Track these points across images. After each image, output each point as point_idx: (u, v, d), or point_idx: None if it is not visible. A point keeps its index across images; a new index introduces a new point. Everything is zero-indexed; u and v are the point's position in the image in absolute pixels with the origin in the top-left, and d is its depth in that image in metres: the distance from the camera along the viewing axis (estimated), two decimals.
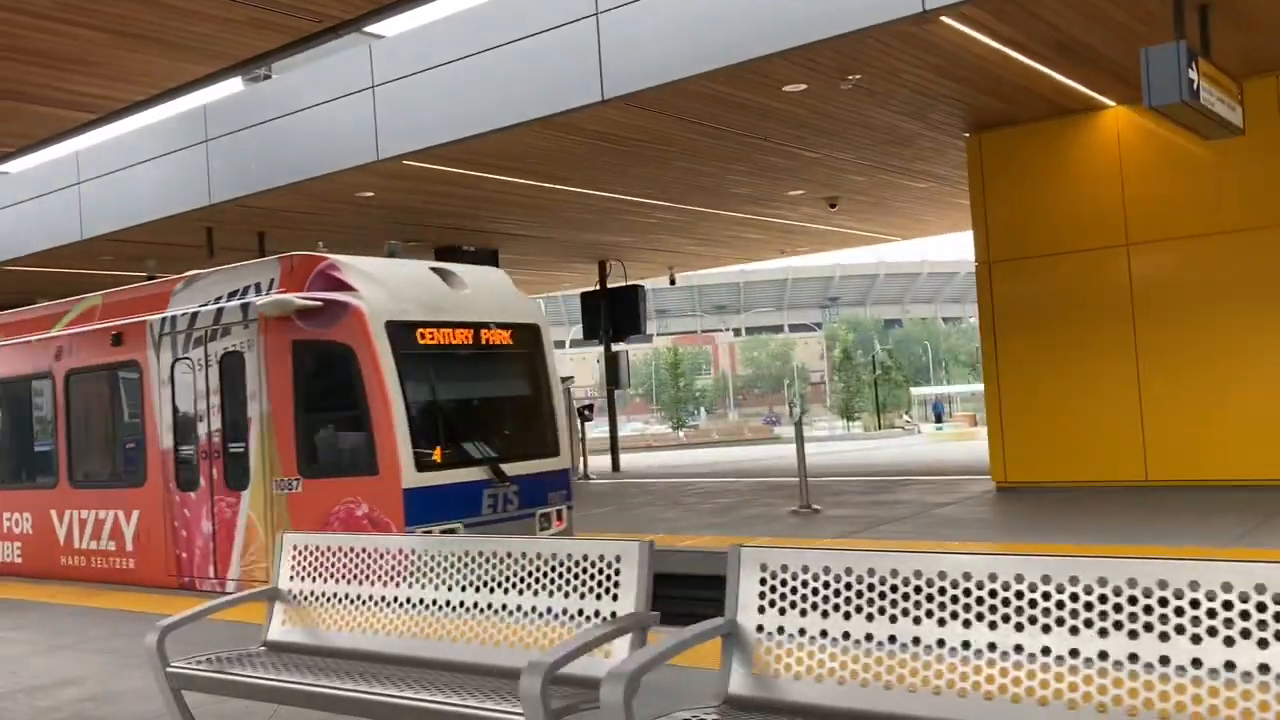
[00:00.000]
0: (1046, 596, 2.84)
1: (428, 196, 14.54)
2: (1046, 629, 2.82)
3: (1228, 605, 2.58)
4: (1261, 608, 2.55)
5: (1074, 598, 2.80)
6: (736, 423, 65.04)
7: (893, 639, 3.07)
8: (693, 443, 44.37)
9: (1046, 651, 2.80)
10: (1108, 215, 12.15)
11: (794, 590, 3.28)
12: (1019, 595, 2.90)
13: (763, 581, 3.35)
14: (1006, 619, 2.90)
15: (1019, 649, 2.85)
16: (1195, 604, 2.62)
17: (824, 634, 3.19)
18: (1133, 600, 2.69)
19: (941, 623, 3.00)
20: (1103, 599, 2.74)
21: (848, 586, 3.18)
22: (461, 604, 4.05)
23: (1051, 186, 12.52)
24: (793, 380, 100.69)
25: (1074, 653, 2.76)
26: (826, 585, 3.22)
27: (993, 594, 2.94)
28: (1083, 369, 12.26)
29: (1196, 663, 2.59)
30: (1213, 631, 2.59)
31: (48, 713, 5.49)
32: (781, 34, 9.12)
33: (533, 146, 12.08)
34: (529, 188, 14.13)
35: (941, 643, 2.98)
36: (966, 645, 2.94)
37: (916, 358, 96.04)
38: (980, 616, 2.94)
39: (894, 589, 3.10)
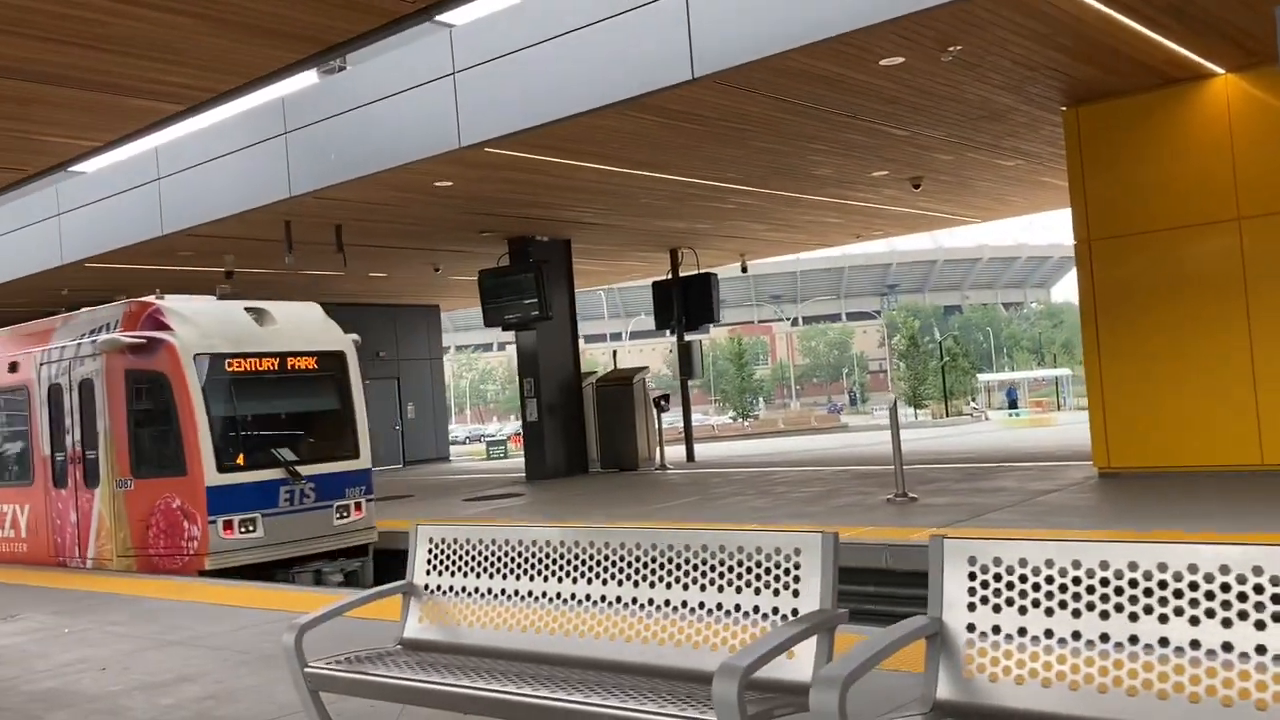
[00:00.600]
0: None
1: (505, 185, 14.36)
2: None
3: None
4: None
5: None
6: (801, 412, 64.38)
7: (1134, 639, 2.75)
8: (758, 432, 43.96)
9: None
10: (1217, 188, 11.59)
11: (1010, 585, 2.97)
12: None
13: (972, 576, 3.04)
14: (1277, 618, 2.56)
15: None
16: None
17: (1049, 634, 2.88)
18: None
19: (1194, 621, 2.67)
20: None
21: (1076, 581, 2.87)
22: (618, 599, 3.79)
23: (1155, 160, 11.98)
24: (852, 369, 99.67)
25: None
26: (1050, 580, 2.91)
27: (1258, 589, 2.60)
28: (1191, 348, 11.72)
29: None
30: None
31: (170, 711, 5.36)
32: (884, 3, 8.76)
33: (616, 130, 11.83)
34: (608, 174, 13.89)
35: (1195, 644, 2.66)
36: (1228, 648, 2.61)
37: (978, 344, 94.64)
38: (1244, 615, 2.61)
39: (1132, 584, 2.78)
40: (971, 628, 3.02)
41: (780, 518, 11.04)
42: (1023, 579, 2.96)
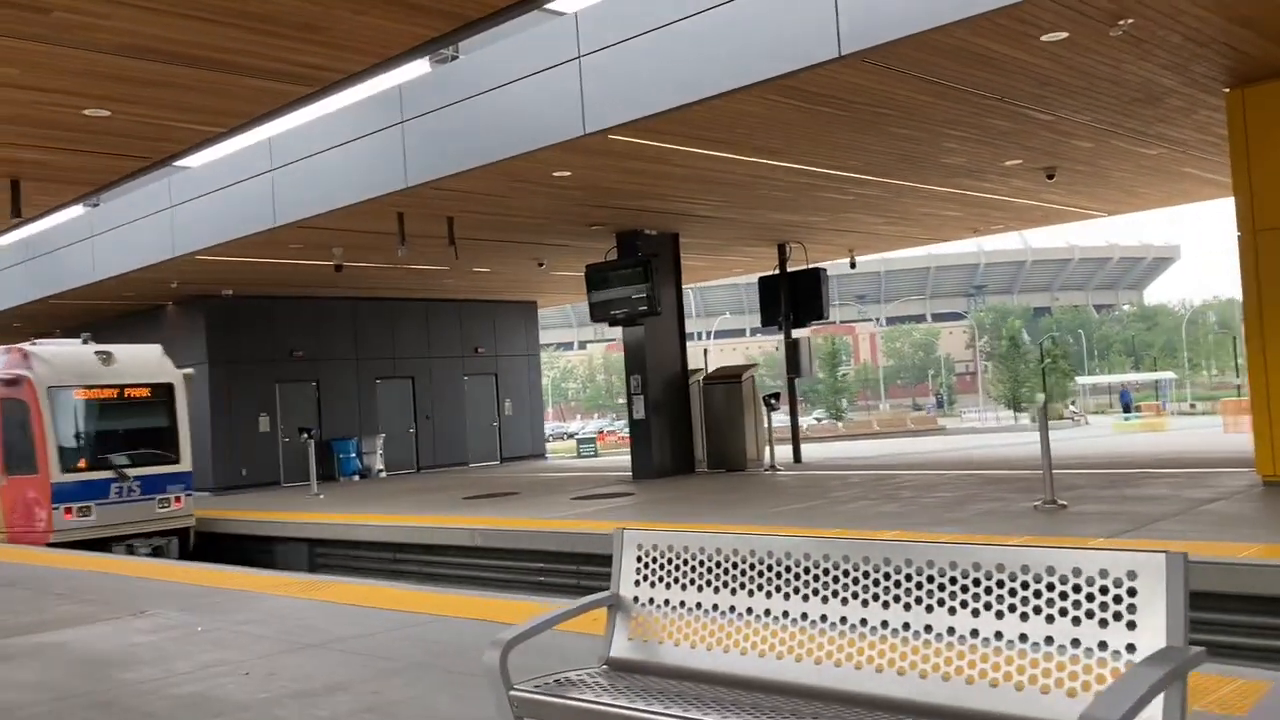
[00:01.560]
0: None
1: (622, 175, 13.90)
2: None
3: None
4: None
5: None
6: (896, 413, 62.96)
7: None
8: (853, 434, 42.96)
9: None
10: None
11: None
12: None
13: None
14: None
15: None
16: None
17: None
18: None
19: None
20: None
21: None
22: (884, 623, 3.24)
23: None
24: (938, 371, 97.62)
25: None
26: None
27: None
28: None
29: None
30: None
31: None
32: None
33: (748, 115, 11.29)
34: (731, 163, 13.36)
35: None
36: None
37: (1069, 346, 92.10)
38: None
39: None
40: None
41: (918, 525, 10.37)
42: None
